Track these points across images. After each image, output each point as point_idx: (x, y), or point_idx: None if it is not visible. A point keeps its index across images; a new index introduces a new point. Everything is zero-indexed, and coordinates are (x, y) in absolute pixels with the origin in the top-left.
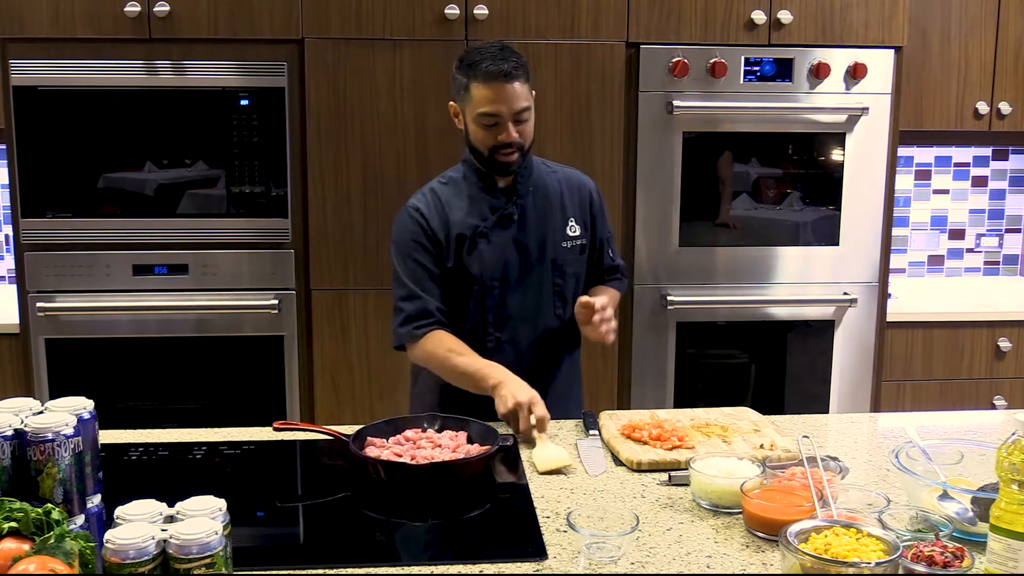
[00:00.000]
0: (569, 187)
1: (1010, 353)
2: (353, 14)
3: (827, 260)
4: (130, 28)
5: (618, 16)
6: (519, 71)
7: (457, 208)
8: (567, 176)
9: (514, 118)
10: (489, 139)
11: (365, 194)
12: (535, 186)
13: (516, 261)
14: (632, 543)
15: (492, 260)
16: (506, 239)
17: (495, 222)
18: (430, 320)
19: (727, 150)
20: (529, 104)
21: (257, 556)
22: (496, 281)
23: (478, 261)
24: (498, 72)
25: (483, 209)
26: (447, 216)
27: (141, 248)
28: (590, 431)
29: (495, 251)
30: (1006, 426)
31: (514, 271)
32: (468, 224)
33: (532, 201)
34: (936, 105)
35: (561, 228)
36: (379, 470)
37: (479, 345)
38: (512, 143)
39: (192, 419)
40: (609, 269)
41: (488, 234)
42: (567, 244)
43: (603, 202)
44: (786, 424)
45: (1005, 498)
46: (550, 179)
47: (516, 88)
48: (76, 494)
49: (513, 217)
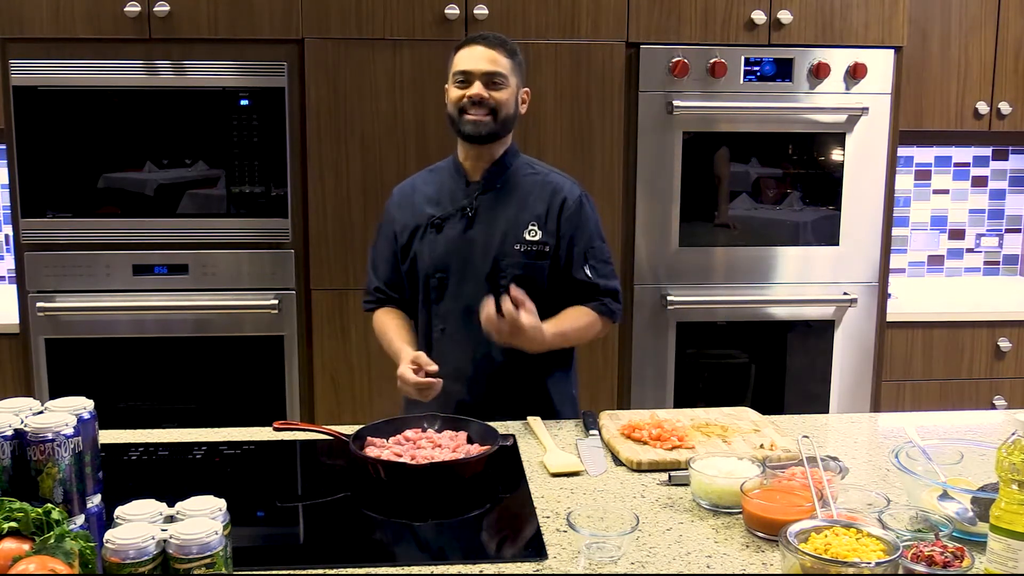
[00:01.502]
0: (542, 190)
1: (1010, 353)
2: (353, 14)
3: (827, 260)
4: (130, 28)
5: (618, 16)
6: (497, 42)
7: (425, 197)
8: (546, 180)
9: (486, 79)
10: (459, 96)
11: (365, 194)
12: (505, 183)
13: (462, 255)
14: (632, 543)
15: (439, 251)
16: (457, 232)
17: (451, 213)
18: (371, 299)
19: (727, 150)
20: (505, 74)
21: (257, 556)
22: (441, 272)
23: (428, 251)
24: (479, 37)
25: (448, 200)
26: (411, 204)
27: (141, 248)
28: (590, 431)
29: (444, 243)
30: (1006, 426)
31: (457, 265)
32: (427, 214)
33: (494, 197)
34: (936, 105)
35: (517, 229)
36: (379, 470)
37: (427, 334)
38: (481, 101)
39: (192, 419)
40: (586, 287)
41: (442, 225)
42: (520, 247)
43: (587, 215)
44: (786, 424)
45: (1005, 498)
46: (527, 179)
47: (490, 52)
48: (76, 494)
49: (468, 211)
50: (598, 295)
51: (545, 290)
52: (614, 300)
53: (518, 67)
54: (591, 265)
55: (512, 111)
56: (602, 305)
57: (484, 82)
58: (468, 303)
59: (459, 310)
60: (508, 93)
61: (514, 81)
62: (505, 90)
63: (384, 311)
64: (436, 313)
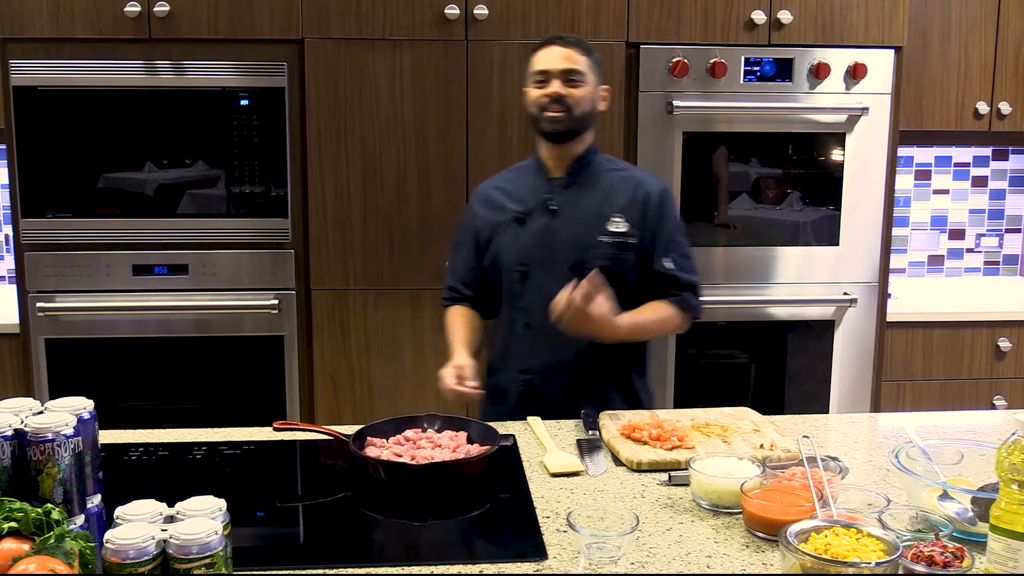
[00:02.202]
0: (625, 184)
1: (1010, 353)
2: (353, 14)
3: (827, 260)
4: (130, 28)
5: (618, 16)
6: (573, 41)
7: (506, 194)
8: (629, 174)
9: (562, 77)
10: (538, 96)
11: (365, 194)
12: (588, 179)
13: (545, 248)
14: (632, 543)
15: (522, 245)
16: (541, 226)
17: (534, 209)
18: (448, 296)
19: (727, 150)
20: (582, 71)
21: (257, 556)
22: (524, 265)
23: (511, 245)
24: (555, 38)
25: (531, 196)
26: (494, 202)
27: (141, 248)
28: (590, 431)
29: (527, 237)
30: (1006, 426)
31: (541, 258)
32: (509, 209)
33: (578, 192)
34: (936, 105)
35: (601, 221)
36: (379, 470)
37: (509, 328)
38: (559, 99)
39: (192, 419)
40: (665, 279)
41: (524, 219)
42: (605, 238)
43: (669, 209)
44: (786, 424)
45: (1005, 498)
46: (609, 175)
47: (566, 51)
48: (76, 494)
49: (550, 205)
50: (678, 288)
51: (630, 283)
52: (694, 295)
53: (596, 65)
54: (672, 258)
55: (589, 108)
56: (681, 299)
57: (562, 80)
58: (551, 296)
59: (542, 303)
60: (585, 90)
61: (591, 78)
62: (582, 87)
63: (456, 309)
64: (519, 307)
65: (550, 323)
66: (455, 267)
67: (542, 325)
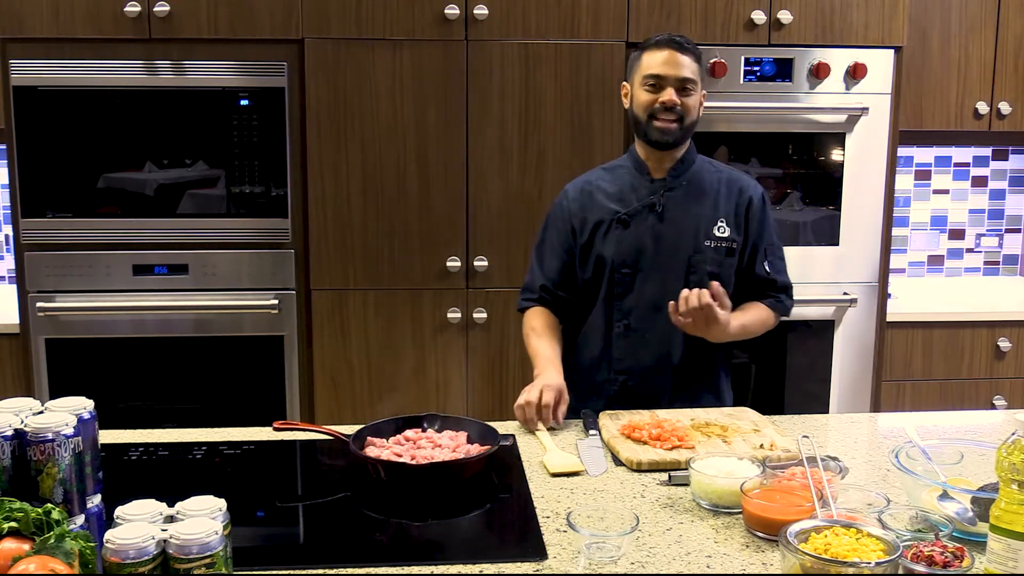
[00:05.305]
0: (728, 187)
1: (1010, 353)
2: (353, 14)
3: (827, 260)
4: (130, 28)
5: (618, 16)
6: (690, 47)
7: (605, 193)
8: (730, 177)
9: (678, 85)
10: (650, 101)
11: (365, 194)
12: (690, 180)
13: (651, 250)
14: (632, 543)
15: (626, 246)
16: (646, 227)
17: (638, 210)
18: (532, 296)
19: (727, 150)
20: (696, 80)
21: (257, 556)
22: (628, 268)
23: (614, 246)
24: (669, 40)
25: (631, 196)
26: (591, 201)
27: (141, 248)
28: (590, 431)
29: (631, 238)
30: (1006, 426)
31: (647, 260)
32: (610, 209)
33: (682, 194)
34: (936, 105)
35: (707, 225)
36: (379, 470)
37: (607, 330)
38: (673, 107)
39: (192, 419)
40: (763, 282)
41: (628, 221)
42: (711, 243)
43: (766, 212)
44: (786, 424)
45: (1005, 498)
46: (710, 176)
47: (684, 59)
48: (76, 494)
49: (656, 207)
50: (776, 291)
51: (731, 286)
52: (788, 296)
53: (704, 71)
54: (770, 261)
55: (696, 116)
56: (778, 301)
57: (676, 88)
58: (654, 298)
59: (645, 305)
60: (696, 99)
61: (701, 86)
62: (695, 96)
63: (538, 312)
64: (619, 308)
65: (651, 325)
66: (545, 267)
67: (643, 327)
